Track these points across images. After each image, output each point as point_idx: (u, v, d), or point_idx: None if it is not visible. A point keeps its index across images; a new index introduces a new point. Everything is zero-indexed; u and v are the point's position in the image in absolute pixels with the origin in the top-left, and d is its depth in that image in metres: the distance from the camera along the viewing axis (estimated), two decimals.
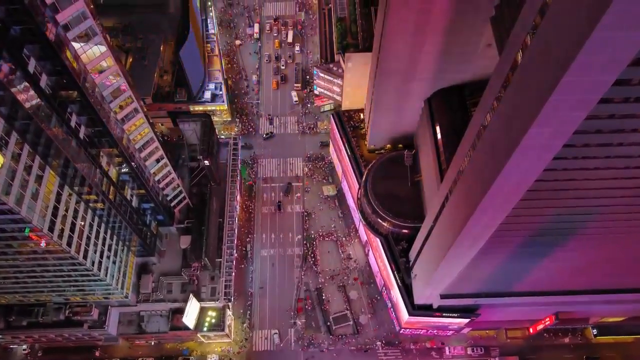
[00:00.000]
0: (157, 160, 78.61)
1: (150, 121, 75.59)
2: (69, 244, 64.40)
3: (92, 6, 58.26)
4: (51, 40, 50.21)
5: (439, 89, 76.90)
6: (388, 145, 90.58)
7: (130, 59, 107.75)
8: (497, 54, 56.61)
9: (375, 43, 76.36)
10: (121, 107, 65.67)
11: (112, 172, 71.85)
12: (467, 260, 63.23)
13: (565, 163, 41.43)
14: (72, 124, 60.10)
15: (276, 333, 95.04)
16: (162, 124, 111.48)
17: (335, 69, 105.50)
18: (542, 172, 41.67)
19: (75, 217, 65.90)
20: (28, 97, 51.29)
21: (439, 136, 74.60)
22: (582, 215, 51.63)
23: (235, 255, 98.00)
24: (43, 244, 60.72)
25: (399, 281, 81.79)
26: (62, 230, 62.67)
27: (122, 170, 73.29)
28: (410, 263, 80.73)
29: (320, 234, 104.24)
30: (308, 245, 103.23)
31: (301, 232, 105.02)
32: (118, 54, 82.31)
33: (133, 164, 73.15)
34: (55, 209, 60.86)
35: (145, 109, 73.29)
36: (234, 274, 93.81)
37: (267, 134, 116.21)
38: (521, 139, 37.18)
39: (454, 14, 62.96)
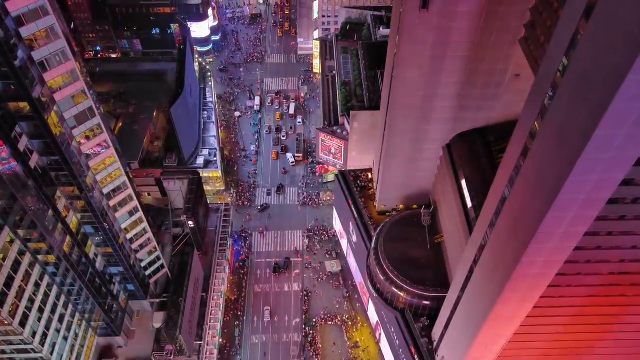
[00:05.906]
0: (130, 213, 66.42)
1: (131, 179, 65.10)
2: (0, 304, 50.20)
3: (88, 79, 52.30)
4: None
5: (458, 133, 67.19)
6: (401, 206, 78.76)
7: (120, 124, 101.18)
8: (527, 87, 47.67)
9: (386, 79, 68.36)
10: (87, 138, 55.35)
11: (72, 220, 59.46)
12: (513, 329, 48.94)
13: None
14: (21, 147, 49.34)
15: None
16: (148, 194, 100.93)
17: (339, 131, 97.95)
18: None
19: (15, 269, 52.40)
20: None
21: (463, 184, 63.29)
22: None
23: (220, 340, 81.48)
24: None
25: None
26: None
27: (85, 220, 60.91)
28: (435, 343, 64.85)
29: (322, 317, 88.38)
30: (307, 330, 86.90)
31: (300, 314, 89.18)
32: (108, 119, 74.83)
33: (102, 219, 61.18)
34: None
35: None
36: None
37: (278, 187, 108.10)
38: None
39: (477, 35, 55.05)
